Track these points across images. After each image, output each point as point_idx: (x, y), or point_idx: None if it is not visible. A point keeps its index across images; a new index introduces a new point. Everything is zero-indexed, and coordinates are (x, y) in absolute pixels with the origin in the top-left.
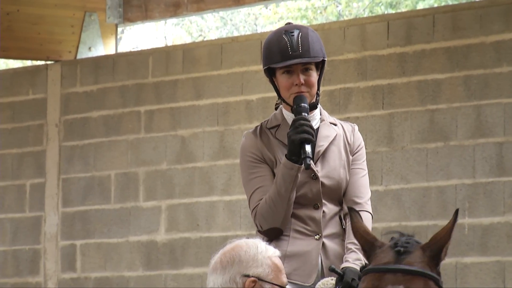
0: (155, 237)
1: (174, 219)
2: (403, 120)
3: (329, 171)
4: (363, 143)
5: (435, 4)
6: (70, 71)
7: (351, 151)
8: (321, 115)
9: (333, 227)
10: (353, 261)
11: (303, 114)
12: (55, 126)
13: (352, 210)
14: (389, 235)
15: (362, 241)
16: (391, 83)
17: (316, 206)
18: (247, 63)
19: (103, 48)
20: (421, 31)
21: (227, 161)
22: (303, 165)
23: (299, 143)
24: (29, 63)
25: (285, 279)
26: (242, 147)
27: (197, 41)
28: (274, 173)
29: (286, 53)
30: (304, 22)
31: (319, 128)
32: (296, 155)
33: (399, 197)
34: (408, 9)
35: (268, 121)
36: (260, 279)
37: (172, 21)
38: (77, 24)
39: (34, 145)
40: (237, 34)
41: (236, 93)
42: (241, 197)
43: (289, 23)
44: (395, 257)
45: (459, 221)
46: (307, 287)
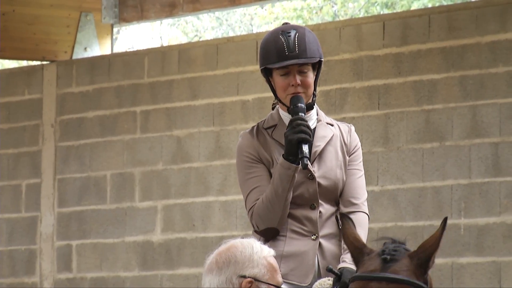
0: (151, 237)
1: (170, 219)
2: (399, 120)
3: (326, 171)
4: (359, 144)
5: (429, 4)
6: (65, 71)
7: (348, 151)
8: (317, 115)
9: (329, 228)
10: (350, 262)
11: (300, 114)
12: (51, 126)
13: (343, 216)
14: (382, 240)
15: (351, 248)
16: (387, 83)
17: (312, 206)
18: (242, 63)
19: (99, 48)
20: (417, 31)
21: (223, 161)
22: (300, 165)
23: (297, 143)
24: (25, 63)
25: (280, 278)
26: (238, 147)
27: (192, 41)
28: (270, 173)
29: (282, 53)
30: (299, 22)
31: (315, 128)
32: (293, 155)
33: (395, 197)
34: (403, 9)
35: (264, 121)
36: (256, 279)
37: (167, 21)
38: (73, 24)
39: (30, 145)
40: (232, 34)
41: (232, 93)
42: (237, 198)
43: (286, 23)
44: (381, 265)
45: (455, 221)
46: (304, 287)
